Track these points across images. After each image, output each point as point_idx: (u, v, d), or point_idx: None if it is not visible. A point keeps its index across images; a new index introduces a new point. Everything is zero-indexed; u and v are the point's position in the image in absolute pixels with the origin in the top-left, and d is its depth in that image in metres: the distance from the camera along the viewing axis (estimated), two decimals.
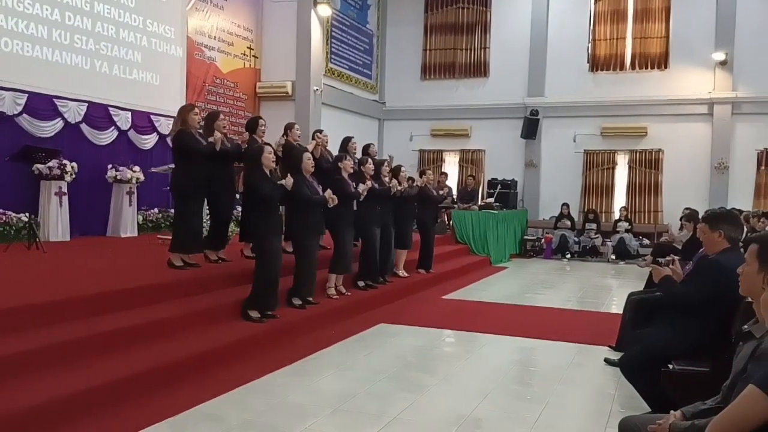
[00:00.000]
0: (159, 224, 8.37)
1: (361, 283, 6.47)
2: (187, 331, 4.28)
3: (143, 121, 8.48)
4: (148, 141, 8.57)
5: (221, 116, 5.71)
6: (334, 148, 6.77)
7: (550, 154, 12.75)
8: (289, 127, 6.35)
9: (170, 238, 5.39)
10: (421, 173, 7.97)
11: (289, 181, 4.90)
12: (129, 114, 8.25)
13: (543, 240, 11.94)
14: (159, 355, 3.82)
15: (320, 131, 6.63)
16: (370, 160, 6.51)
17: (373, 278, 6.62)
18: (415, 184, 7.52)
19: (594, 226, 11.65)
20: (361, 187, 5.97)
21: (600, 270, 10.34)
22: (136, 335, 3.96)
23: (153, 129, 8.63)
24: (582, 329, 5.71)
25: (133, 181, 7.85)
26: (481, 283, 8.51)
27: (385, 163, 6.87)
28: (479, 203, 11.63)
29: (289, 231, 5.47)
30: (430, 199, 7.91)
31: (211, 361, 4.01)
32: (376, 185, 6.28)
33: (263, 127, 5.96)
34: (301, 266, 5.30)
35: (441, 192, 8.85)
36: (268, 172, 4.81)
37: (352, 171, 5.94)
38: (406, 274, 7.53)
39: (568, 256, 11.53)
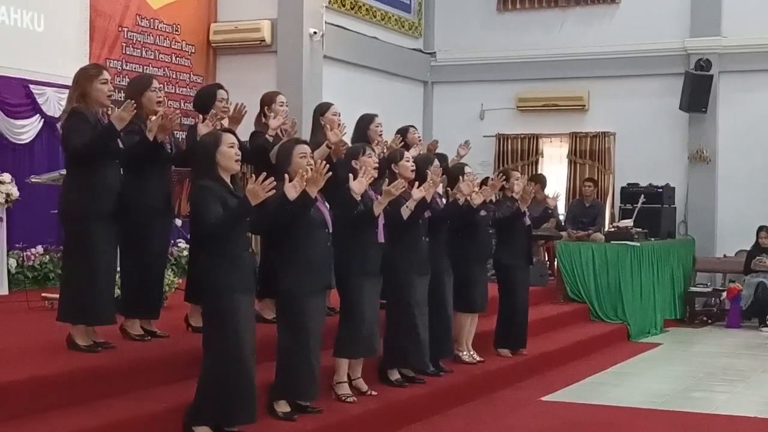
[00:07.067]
0: (46, 273, 8.57)
1: (394, 375, 6.53)
2: None
3: (17, 96, 8.70)
4: (26, 129, 8.79)
5: (154, 84, 5.86)
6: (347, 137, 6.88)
7: (733, 139, 12.66)
8: (268, 102, 6.48)
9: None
10: (503, 176, 7.90)
11: (291, 190, 5.00)
12: None
13: (725, 294, 11.86)
14: None
15: (325, 108, 6.73)
16: (406, 154, 6.56)
17: (416, 366, 6.67)
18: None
19: None
20: (411, 202, 6.06)
21: None
22: None
23: (34, 108, 8.85)
24: None
25: (2, 199, 8.07)
26: (612, 374, 8.46)
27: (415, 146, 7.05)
28: (606, 228, 11.63)
29: (273, 282, 5.55)
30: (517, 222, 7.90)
31: None
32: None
33: (224, 102, 6.07)
34: (290, 345, 5.35)
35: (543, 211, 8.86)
36: (227, 180, 4.96)
37: (373, 177, 5.93)
38: (479, 358, 7.57)
39: None
